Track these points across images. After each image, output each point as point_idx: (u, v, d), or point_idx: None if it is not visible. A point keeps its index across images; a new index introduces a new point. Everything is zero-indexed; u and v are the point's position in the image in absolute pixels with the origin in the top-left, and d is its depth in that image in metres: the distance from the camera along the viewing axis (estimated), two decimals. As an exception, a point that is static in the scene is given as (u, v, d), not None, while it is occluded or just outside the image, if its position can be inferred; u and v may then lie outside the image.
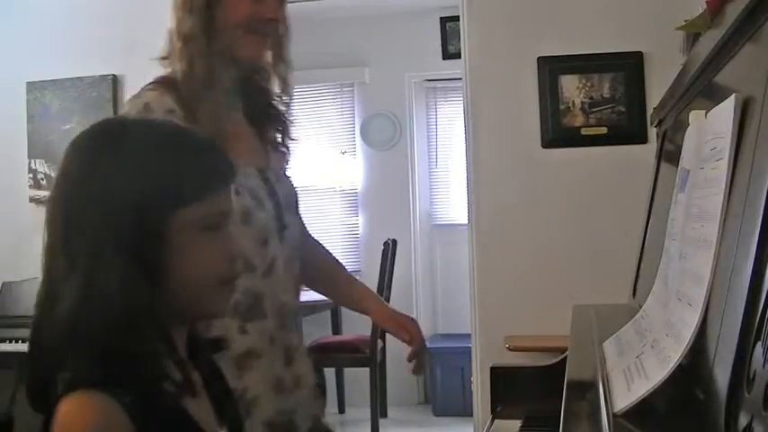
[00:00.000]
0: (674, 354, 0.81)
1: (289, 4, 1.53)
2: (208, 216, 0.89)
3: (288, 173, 1.60)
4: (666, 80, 1.62)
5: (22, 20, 3.87)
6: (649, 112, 2.79)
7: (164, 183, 0.87)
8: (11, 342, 3.38)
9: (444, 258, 5.23)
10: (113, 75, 3.77)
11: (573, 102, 3.21)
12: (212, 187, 0.91)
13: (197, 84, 1.40)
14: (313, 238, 1.69)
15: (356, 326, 4.68)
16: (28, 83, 3.85)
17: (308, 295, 1.71)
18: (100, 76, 3.79)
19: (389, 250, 4.56)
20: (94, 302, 0.83)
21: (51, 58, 3.81)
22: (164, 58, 1.47)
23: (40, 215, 0.88)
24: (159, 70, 1.47)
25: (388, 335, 4.73)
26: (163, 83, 1.44)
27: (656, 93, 2.90)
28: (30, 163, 3.84)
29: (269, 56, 1.54)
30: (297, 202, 1.58)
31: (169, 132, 0.94)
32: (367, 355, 4.30)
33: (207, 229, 0.89)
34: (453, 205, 5.13)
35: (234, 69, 1.48)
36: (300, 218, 1.59)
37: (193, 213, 0.88)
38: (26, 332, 0.88)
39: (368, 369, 4.30)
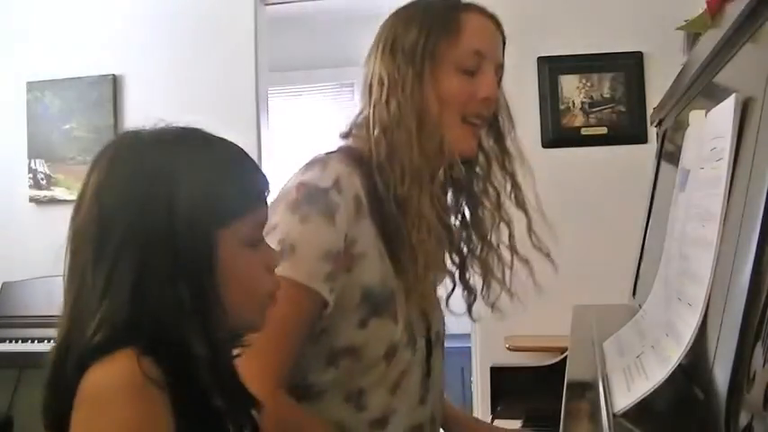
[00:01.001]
0: (674, 354, 0.81)
1: (289, 5, 1.41)
2: (251, 232, 0.87)
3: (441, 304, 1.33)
4: (666, 80, 1.62)
5: (22, 20, 3.87)
6: (649, 112, 2.79)
7: (208, 200, 0.83)
8: (11, 342, 3.37)
9: (444, 258, 5.22)
10: (113, 75, 3.76)
11: (573, 102, 3.21)
12: (254, 203, 0.88)
13: (385, 177, 1.16)
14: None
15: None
16: (28, 83, 3.85)
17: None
18: (100, 76, 3.78)
19: (389, 250, 4.55)
20: (143, 316, 0.79)
21: (51, 58, 3.81)
22: (346, 135, 1.27)
23: (39, 215, 0.87)
24: (158, 70, 1.37)
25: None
26: (351, 157, 1.20)
27: (656, 93, 2.89)
28: (30, 163, 3.83)
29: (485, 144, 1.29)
30: (444, 337, 1.32)
31: (207, 144, 0.89)
32: (367, 355, 4.29)
33: (248, 245, 0.87)
34: (453, 205, 5.12)
35: (436, 164, 1.23)
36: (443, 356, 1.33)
37: (237, 230, 0.85)
38: (26, 332, 0.86)
39: (368, 369, 4.29)
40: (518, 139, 1.30)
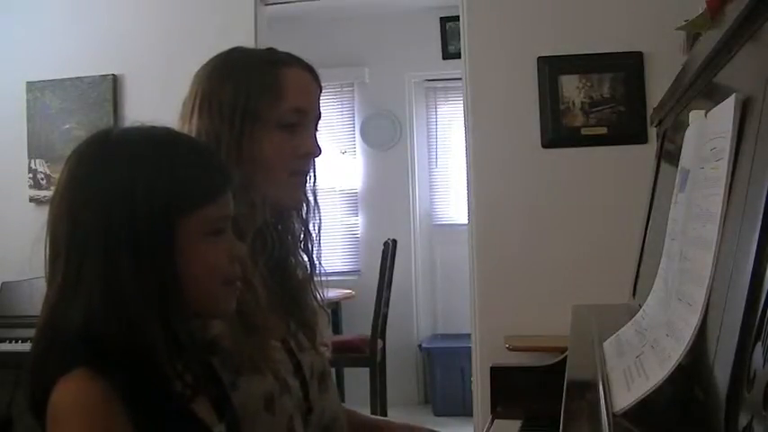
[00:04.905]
0: (674, 354, 0.81)
1: (289, 5, 1.41)
2: (211, 221, 0.91)
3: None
4: (666, 80, 1.62)
5: (22, 20, 3.86)
6: (649, 112, 2.79)
7: (169, 191, 0.88)
8: (11, 342, 3.37)
9: (444, 258, 5.22)
10: (113, 75, 3.76)
11: (573, 102, 3.21)
12: (214, 194, 0.92)
13: None
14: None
15: (356, 326, 4.68)
16: (28, 83, 3.84)
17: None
18: (100, 76, 3.78)
19: (389, 250, 4.56)
20: (111, 306, 0.84)
21: (51, 58, 3.81)
22: None
23: (40, 215, 0.88)
24: (159, 70, 1.36)
25: (387, 334, 4.71)
26: None
27: (656, 93, 2.89)
28: (30, 163, 3.83)
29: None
30: (326, 373, 1.31)
31: (171, 140, 0.95)
32: (367, 355, 4.30)
33: (210, 234, 0.91)
34: (453, 205, 5.13)
35: (269, 214, 1.23)
36: (334, 390, 1.34)
37: (197, 219, 0.90)
38: (26, 332, 0.90)
39: (368, 369, 4.30)
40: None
